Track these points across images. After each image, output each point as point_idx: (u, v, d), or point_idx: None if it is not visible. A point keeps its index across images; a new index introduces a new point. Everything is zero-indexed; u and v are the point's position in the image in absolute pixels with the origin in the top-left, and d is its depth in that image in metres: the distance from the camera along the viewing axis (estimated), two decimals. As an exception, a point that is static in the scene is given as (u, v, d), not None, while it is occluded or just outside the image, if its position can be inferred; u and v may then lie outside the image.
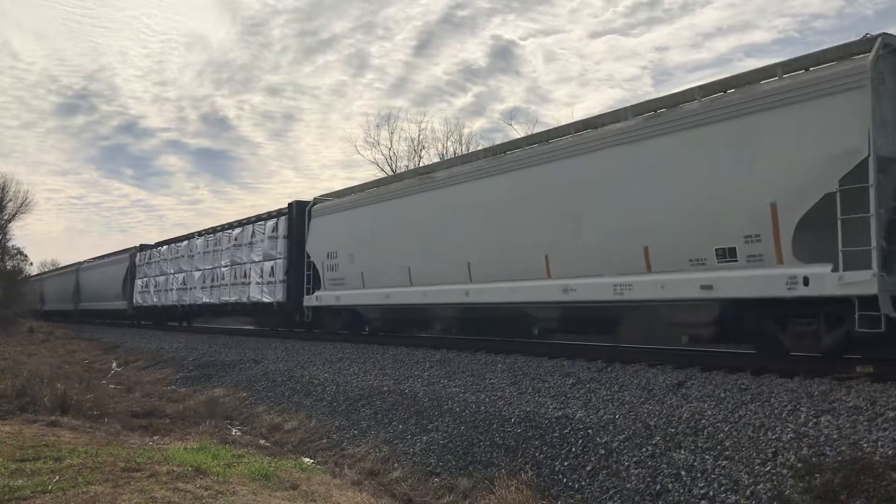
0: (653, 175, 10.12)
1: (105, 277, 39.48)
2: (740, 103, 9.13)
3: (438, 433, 9.98)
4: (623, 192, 10.55)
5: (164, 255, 30.83)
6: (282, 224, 20.66)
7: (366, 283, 16.78)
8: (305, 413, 12.91)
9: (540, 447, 8.54)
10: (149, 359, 23.68)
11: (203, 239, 26.71)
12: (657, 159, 10.10)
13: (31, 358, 22.30)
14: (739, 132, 9.06)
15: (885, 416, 6.57)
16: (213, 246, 25.48)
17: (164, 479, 6.89)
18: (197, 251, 26.99)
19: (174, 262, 29.43)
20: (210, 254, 25.69)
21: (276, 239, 20.74)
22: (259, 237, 21.83)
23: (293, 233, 20.09)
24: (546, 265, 11.96)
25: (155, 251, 32.31)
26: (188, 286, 27.48)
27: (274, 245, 20.81)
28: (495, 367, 11.80)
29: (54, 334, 36.93)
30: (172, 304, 29.19)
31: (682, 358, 10.04)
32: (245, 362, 18.46)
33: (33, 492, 6.19)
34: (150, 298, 31.92)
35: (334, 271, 18.02)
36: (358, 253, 17.12)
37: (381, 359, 14.62)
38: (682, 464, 7.09)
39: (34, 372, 15.03)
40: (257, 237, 21.95)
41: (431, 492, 8.47)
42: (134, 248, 36.02)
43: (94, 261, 44.34)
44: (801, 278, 8.34)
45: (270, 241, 21.04)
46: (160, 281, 30.78)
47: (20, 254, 62.52)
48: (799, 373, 8.13)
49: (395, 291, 15.75)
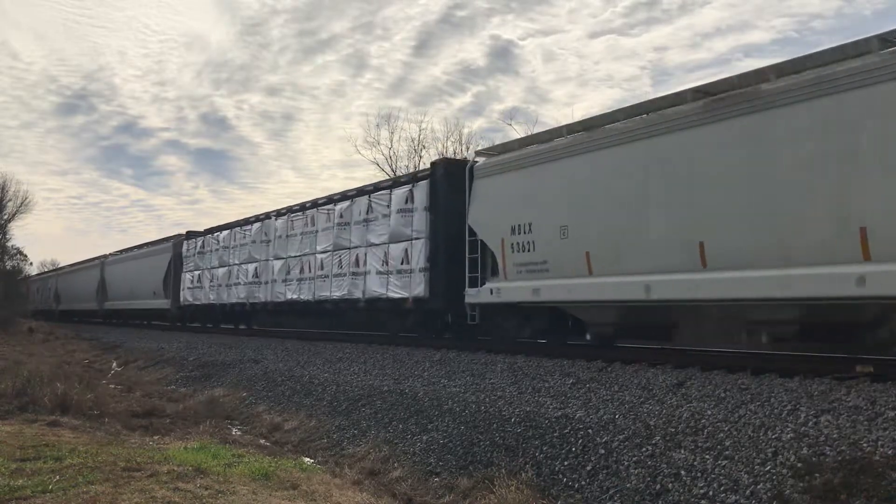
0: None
1: (140, 271, 34.01)
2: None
3: (438, 433, 9.98)
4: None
5: (225, 243, 25.36)
6: (420, 192, 15.34)
7: (594, 269, 11.25)
8: (305, 413, 12.91)
9: (540, 447, 8.54)
10: (149, 359, 23.67)
11: (285, 220, 21.33)
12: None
13: (31, 358, 22.31)
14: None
15: (885, 415, 6.58)
16: (301, 228, 20.20)
17: (164, 479, 6.90)
18: (276, 235, 21.68)
19: (240, 251, 24.10)
20: (296, 238, 20.45)
21: (411, 213, 15.51)
22: (380, 212, 16.64)
23: (439, 203, 14.89)
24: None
25: (210, 238, 26.89)
26: (263, 279, 22.28)
27: (406, 221, 15.58)
28: (495, 366, 11.81)
29: (54, 334, 36.89)
30: (238, 301, 23.80)
31: (681, 358, 10.04)
32: (245, 362, 18.46)
33: (34, 491, 6.20)
34: (205, 295, 26.59)
35: (526, 252, 12.51)
36: (577, 223, 11.58)
37: (382, 358, 14.63)
38: (682, 463, 7.10)
39: (34, 372, 15.03)
40: (377, 212, 16.74)
41: (431, 491, 8.48)
42: (178, 235, 30.87)
43: (122, 253, 39.26)
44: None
45: (401, 216, 15.78)
46: (219, 274, 25.38)
47: (20, 254, 62.52)
48: (799, 372, 8.13)
49: (665, 281, 10.12)
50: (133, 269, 35.40)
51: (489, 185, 13.65)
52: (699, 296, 9.79)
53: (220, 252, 25.56)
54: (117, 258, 39.43)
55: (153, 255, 32.94)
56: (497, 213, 13.25)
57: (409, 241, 15.43)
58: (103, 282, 40.27)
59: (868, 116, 8.04)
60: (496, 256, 13.25)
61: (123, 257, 38.30)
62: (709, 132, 9.75)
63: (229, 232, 25.25)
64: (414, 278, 15.13)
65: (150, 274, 32.39)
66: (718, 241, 9.51)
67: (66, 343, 32.90)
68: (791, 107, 8.75)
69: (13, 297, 48.57)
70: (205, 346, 23.01)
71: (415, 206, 15.47)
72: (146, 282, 32.82)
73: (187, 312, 28.99)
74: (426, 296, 14.80)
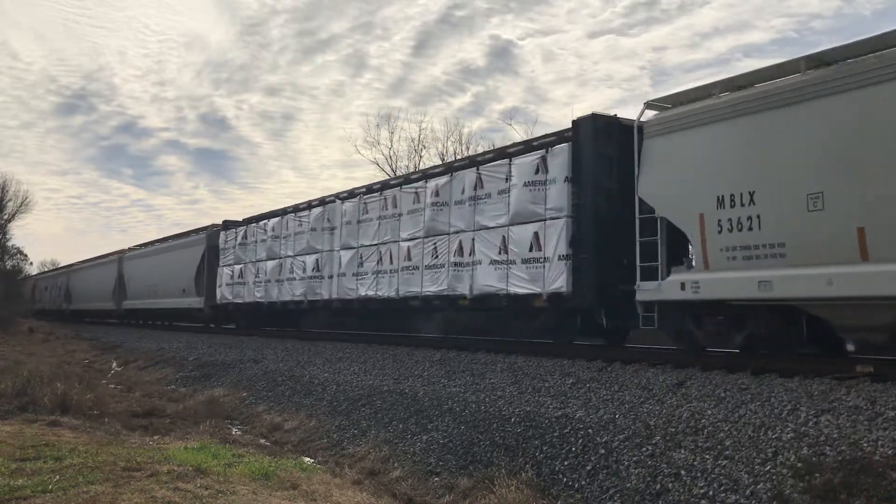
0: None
1: (166, 267, 30.11)
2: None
3: (438, 433, 9.99)
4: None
5: (275, 232, 21.89)
6: (558, 159, 12.13)
7: (870, 253, 8.01)
8: (305, 413, 12.92)
9: (540, 447, 8.54)
10: (149, 359, 23.67)
11: (356, 202, 17.97)
12: None
13: (32, 358, 22.32)
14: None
15: (885, 415, 6.58)
16: (377, 211, 17.04)
17: (164, 479, 6.90)
18: (343, 220, 18.41)
19: (294, 240, 20.66)
20: (371, 223, 17.22)
21: (543, 186, 12.31)
22: (493, 186, 13.43)
23: (585, 171, 11.71)
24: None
25: (255, 228, 23.21)
26: (325, 273, 18.94)
27: (536, 196, 12.41)
28: (495, 366, 11.81)
29: (54, 334, 36.91)
30: (293, 298, 20.40)
31: (681, 358, 10.03)
32: (245, 362, 18.46)
33: (34, 491, 6.20)
34: (249, 292, 23.11)
35: (746, 231, 9.23)
36: (839, 188, 8.29)
37: (381, 358, 14.63)
38: (682, 463, 7.10)
39: (34, 372, 15.05)
40: (489, 187, 13.53)
41: (431, 491, 8.48)
42: (213, 226, 27.32)
43: (144, 247, 35.89)
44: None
45: (527, 190, 12.58)
46: (268, 268, 21.88)
47: (20, 253, 62.53)
48: (799, 372, 8.12)
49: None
50: (158, 264, 31.16)
51: (673, 145, 10.37)
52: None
53: (269, 243, 22.14)
54: (138, 252, 35.64)
55: (183, 249, 29.03)
56: (690, 181, 10.01)
57: (540, 221, 12.29)
58: (121, 279, 36.40)
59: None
60: (691, 238, 10.14)
61: (146, 251, 34.43)
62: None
63: (280, 219, 21.83)
64: (550, 269, 11.97)
65: (179, 269, 28.44)
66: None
67: (66, 343, 32.91)
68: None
69: (13, 296, 48.43)
70: (205, 345, 23.01)
71: (549, 176, 12.23)
72: (174, 278, 28.95)
73: (223, 312, 25.31)
74: (568, 291, 11.67)
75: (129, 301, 35.38)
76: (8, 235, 55.43)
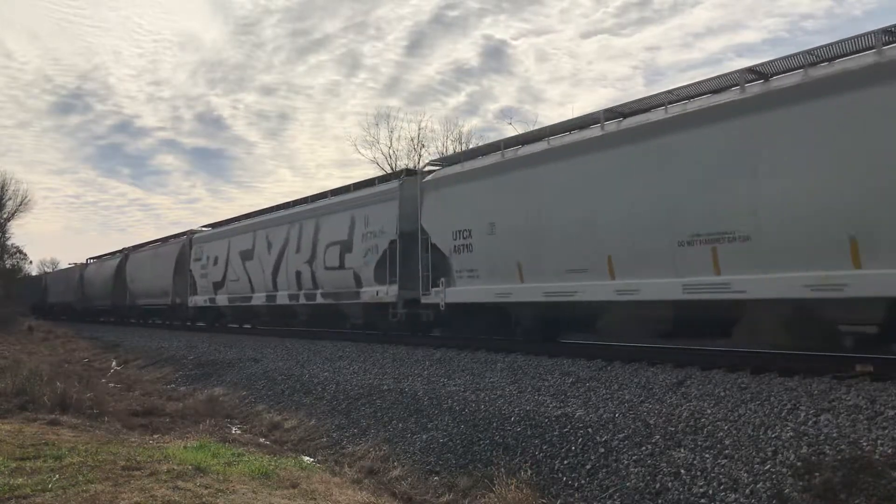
0: None
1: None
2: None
3: (438, 432, 9.98)
4: None
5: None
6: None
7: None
8: (305, 412, 12.91)
9: (539, 446, 8.54)
10: (148, 358, 23.66)
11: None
12: None
13: (31, 356, 22.30)
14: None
15: (885, 414, 6.58)
16: None
17: (164, 478, 6.89)
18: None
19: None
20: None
21: None
22: None
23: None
24: None
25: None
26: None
27: None
28: (495, 365, 11.81)
29: (54, 333, 36.89)
30: None
31: (681, 357, 10.04)
32: (245, 361, 18.46)
33: (33, 490, 6.18)
34: None
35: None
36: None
37: (381, 357, 14.63)
38: (682, 462, 7.10)
39: (34, 370, 15.02)
40: None
41: (431, 490, 8.48)
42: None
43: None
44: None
45: None
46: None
47: (19, 252, 62.51)
48: (799, 371, 8.13)
49: None
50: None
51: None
52: None
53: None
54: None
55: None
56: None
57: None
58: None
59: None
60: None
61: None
62: None
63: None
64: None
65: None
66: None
67: (65, 342, 32.89)
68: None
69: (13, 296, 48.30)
70: (204, 345, 23.01)
71: None
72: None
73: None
74: None
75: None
76: (7, 234, 55.46)
